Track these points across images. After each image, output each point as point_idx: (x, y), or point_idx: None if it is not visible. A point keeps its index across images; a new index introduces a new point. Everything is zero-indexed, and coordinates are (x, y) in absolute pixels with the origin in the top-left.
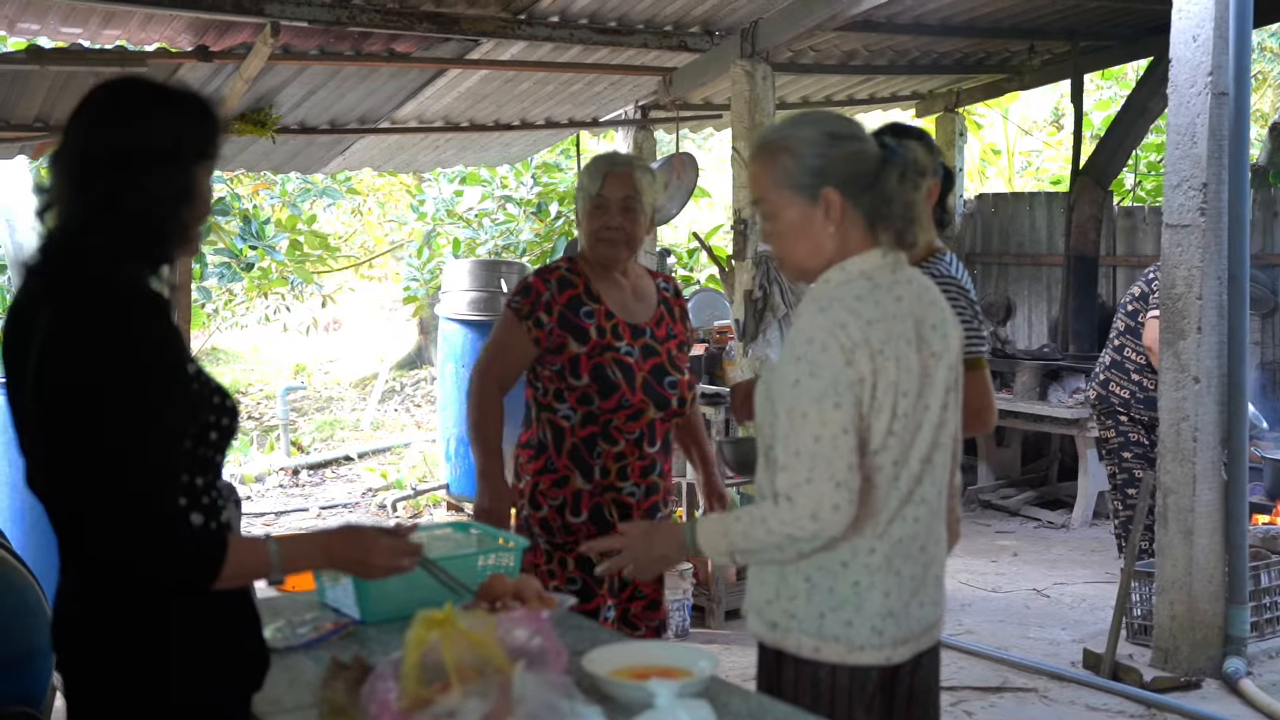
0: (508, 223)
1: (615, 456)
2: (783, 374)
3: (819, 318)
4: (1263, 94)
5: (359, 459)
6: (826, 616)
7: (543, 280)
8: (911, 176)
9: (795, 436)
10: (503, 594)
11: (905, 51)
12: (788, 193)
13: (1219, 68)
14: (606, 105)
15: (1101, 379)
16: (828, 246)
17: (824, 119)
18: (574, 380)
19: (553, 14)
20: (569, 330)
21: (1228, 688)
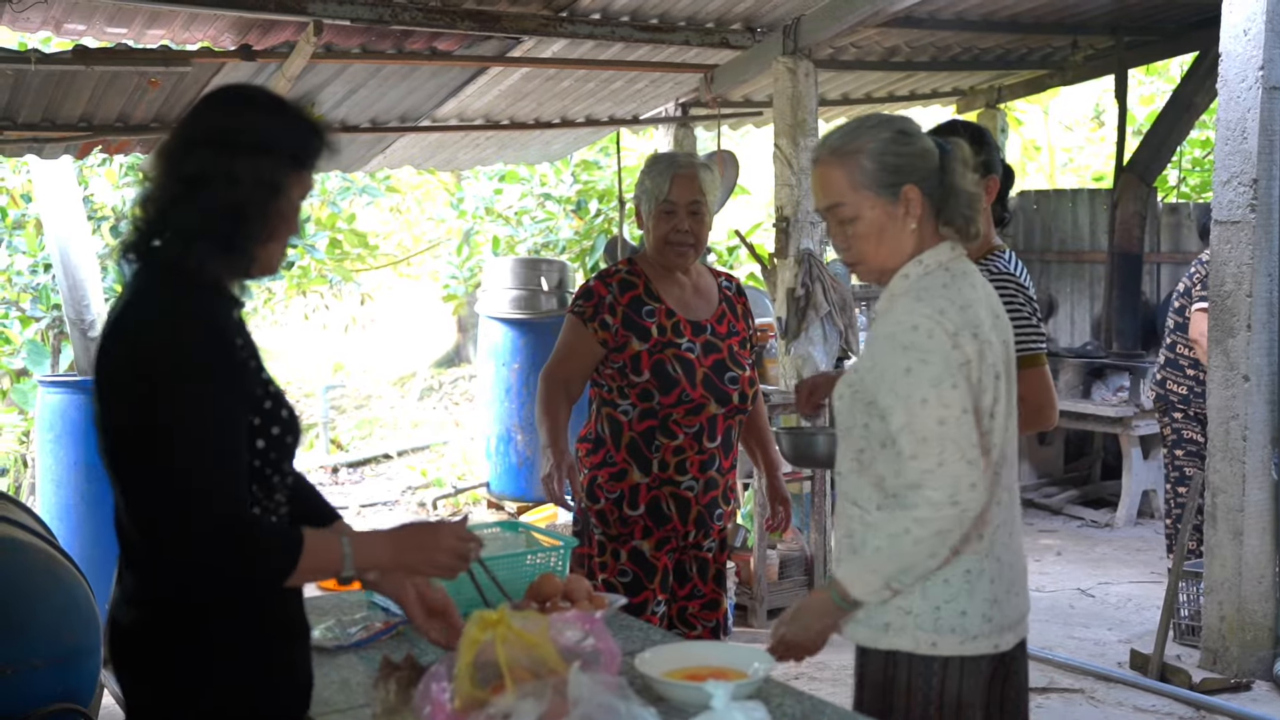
0: (547, 220)
1: (674, 450)
2: (890, 365)
3: (918, 306)
4: None
5: (398, 457)
6: (942, 609)
7: (603, 283)
8: (969, 169)
9: (918, 423)
10: (553, 594)
11: (947, 47)
12: (869, 194)
13: (1270, 62)
14: (647, 103)
15: (1159, 378)
16: (907, 243)
17: (889, 120)
18: (635, 376)
19: (594, 11)
20: (632, 329)
21: (1278, 689)
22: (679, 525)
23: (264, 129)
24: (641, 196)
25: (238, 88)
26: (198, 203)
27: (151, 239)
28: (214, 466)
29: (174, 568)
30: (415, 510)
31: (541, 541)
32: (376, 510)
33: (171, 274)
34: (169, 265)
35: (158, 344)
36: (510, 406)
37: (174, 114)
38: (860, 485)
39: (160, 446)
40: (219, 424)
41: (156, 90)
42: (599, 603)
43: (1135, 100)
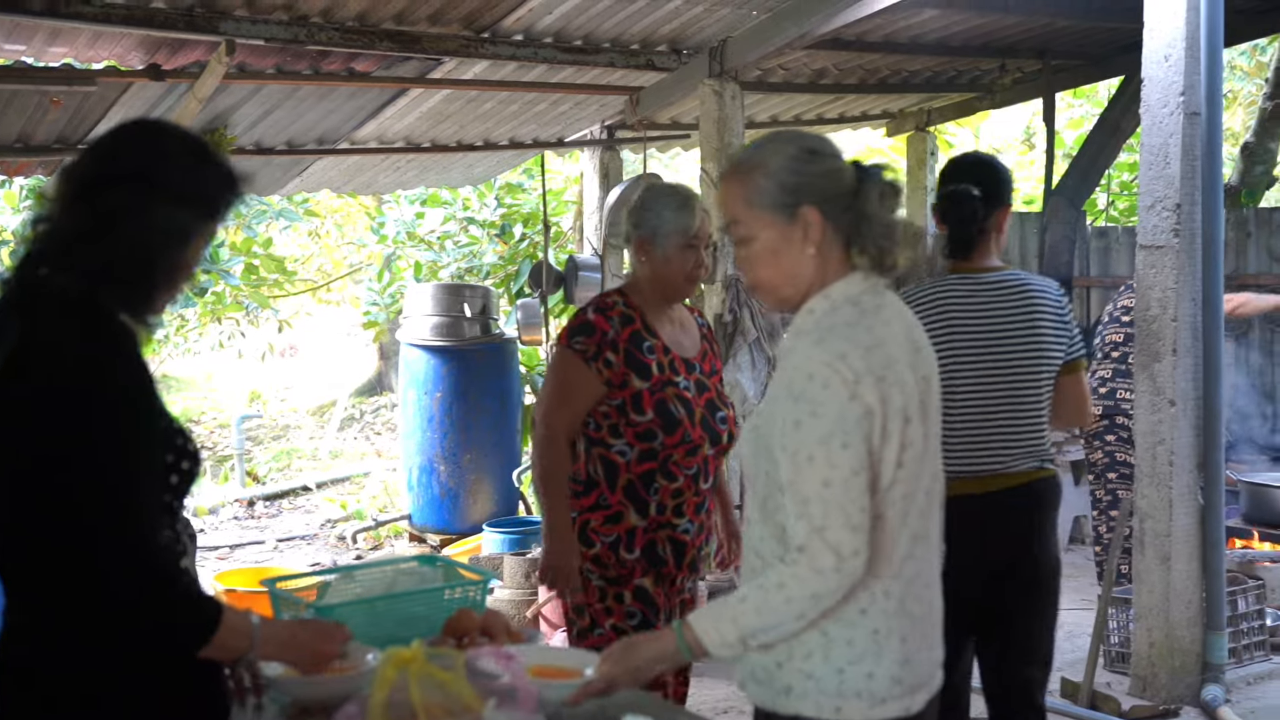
0: (471, 245)
1: (673, 493)
2: (781, 415)
3: (815, 351)
4: (1234, 113)
5: (317, 489)
6: (846, 671)
7: (604, 317)
8: (890, 197)
9: (803, 482)
10: (470, 629)
11: (875, 70)
12: (764, 213)
13: (1191, 87)
14: (572, 125)
15: (1104, 391)
16: (807, 270)
17: (798, 136)
18: (636, 416)
19: (516, 33)
20: (633, 367)
21: (1206, 715)
22: (673, 569)
23: (188, 178)
24: (656, 229)
25: (163, 127)
26: (110, 242)
27: (40, 266)
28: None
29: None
30: (333, 544)
31: (461, 576)
32: (294, 545)
33: (76, 309)
34: (70, 300)
35: (77, 385)
36: (433, 436)
37: (78, 135)
38: (764, 535)
39: (79, 492)
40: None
41: (59, 110)
42: (518, 638)
43: (1064, 123)
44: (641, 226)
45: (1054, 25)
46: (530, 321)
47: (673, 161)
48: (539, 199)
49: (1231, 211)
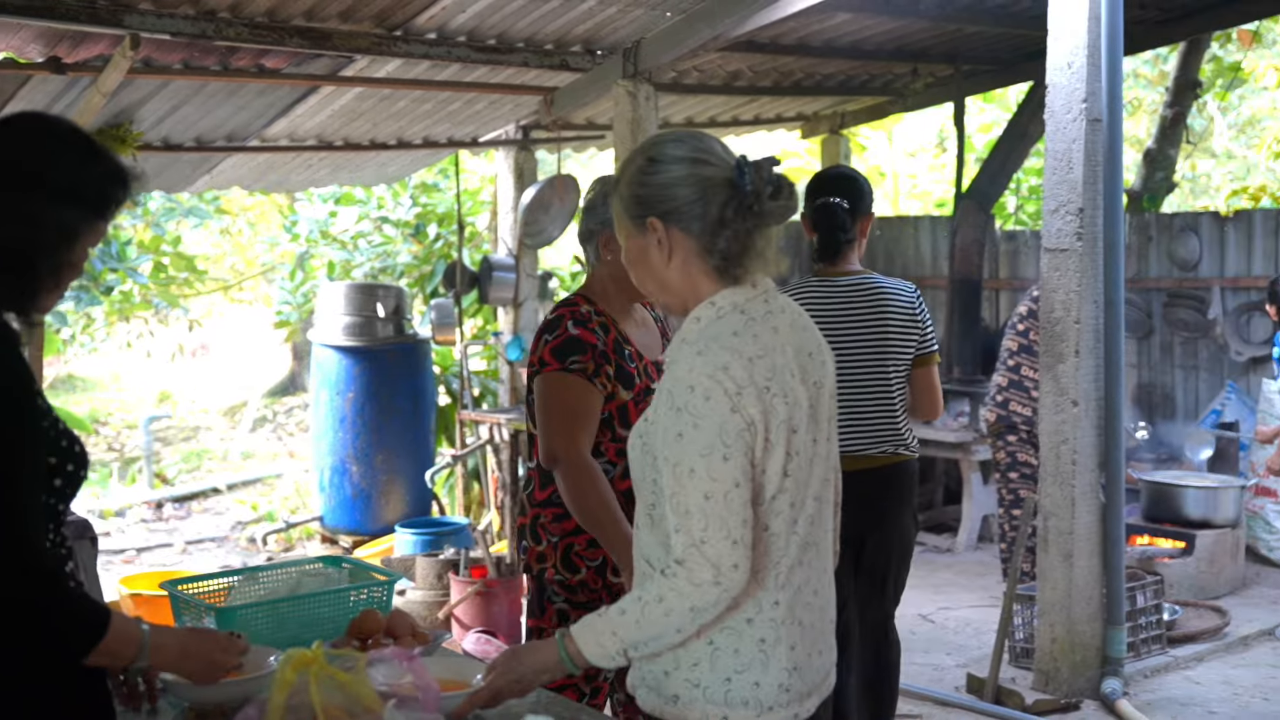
0: (385, 245)
1: None
2: (665, 426)
3: (698, 362)
4: (1138, 120)
5: (228, 490)
6: (733, 680)
7: (586, 329)
8: (756, 207)
9: (684, 494)
10: (374, 631)
11: (790, 73)
12: (624, 223)
13: (1093, 94)
14: (486, 124)
15: (1000, 399)
16: (671, 277)
17: (658, 143)
18: (622, 429)
19: (429, 31)
20: (620, 378)
21: (1105, 708)
22: None
23: (75, 176)
24: None
25: (49, 121)
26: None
27: None
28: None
29: None
30: (244, 547)
31: (366, 577)
32: (204, 547)
33: None
34: None
35: None
36: (345, 437)
37: None
38: (651, 542)
39: None
40: (29, 470)
41: None
42: (423, 639)
43: (975, 128)
44: (607, 221)
45: (964, 31)
46: (444, 322)
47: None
48: (454, 198)
49: (1134, 216)
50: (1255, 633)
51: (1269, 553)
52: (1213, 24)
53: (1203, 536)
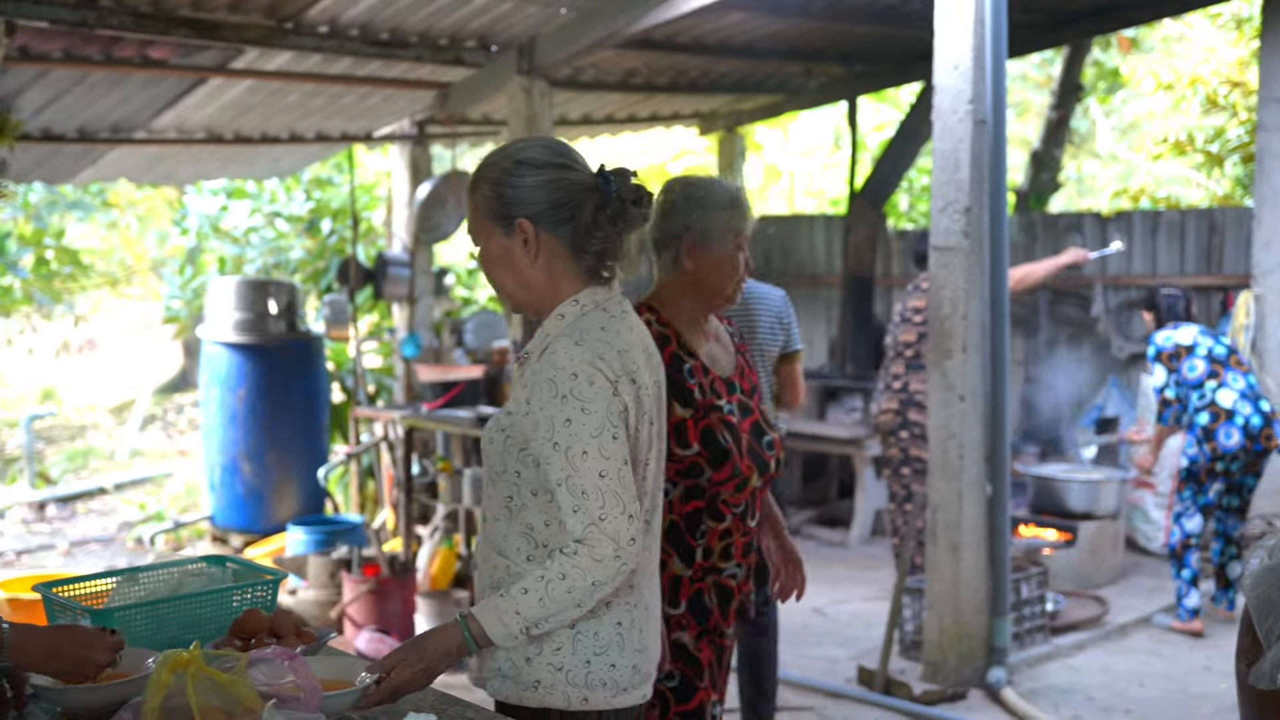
0: (278, 240)
1: (721, 534)
2: (546, 415)
3: (577, 351)
4: (1028, 122)
5: (115, 490)
6: (593, 662)
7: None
8: (617, 206)
9: (580, 476)
10: (258, 630)
11: (685, 71)
12: (488, 223)
13: (978, 96)
14: (381, 119)
15: (897, 386)
16: (535, 277)
17: (523, 147)
18: (680, 449)
19: (321, 24)
20: (676, 393)
21: (990, 697)
22: (719, 617)
23: None
24: (708, 228)
25: None
26: None
27: None
28: None
29: None
30: (132, 548)
31: (251, 576)
32: (90, 549)
33: None
34: None
35: None
36: (236, 435)
37: None
38: (509, 534)
39: None
40: None
41: None
42: (308, 638)
43: (870, 127)
44: (692, 225)
45: (855, 32)
46: (338, 318)
47: None
48: (348, 194)
49: (1021, 215)
50: (1133, 621)
51: (1147, 543)
52: (1093, 29)
53: (1085, 528)
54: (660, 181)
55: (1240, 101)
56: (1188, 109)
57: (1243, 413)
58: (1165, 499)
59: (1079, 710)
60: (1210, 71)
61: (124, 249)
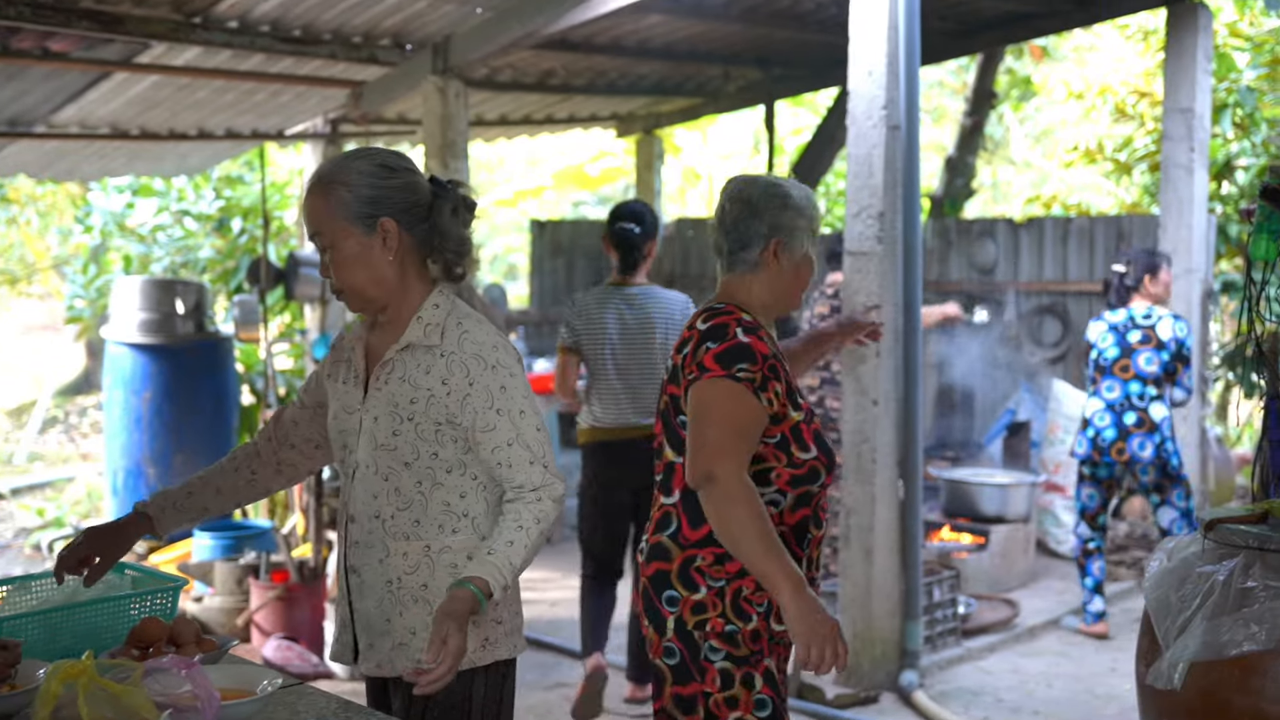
0: (186, 238)
1: (818, 542)
2: (485, 384)
3: (482, 329)
4: (944, 128)
5: (12, 495)
6: (515, 611)
7: (758, 337)
8: (462, 213)
9: (524, 433)
10: (155, 639)
11: (603, 72)
12: (346, 224)
13: (892, 102)
14: (293, 117)
15: (814, 398)
16: (389, 275)
17: (378, 153)
18: (800, 453)
19: (230, 19)
20: (789, 395)
21: (903, 700)
22: None
23: None
24: (794, 229)
25: None
26: None
27: None
28: None
29: None
30: (28, 555)
31: (150, 583)
32: None
33: None
34: None
35: None
36: (141, 438)
37: None
38: (422, 518)
39: None
40: None
41: None
42: (209, 646)
43: (788, 131)
44: (781, 227)
45: (773, 36)
46: (248, 319)
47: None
48: (260, 192)
49: (936, 221)
50: (1042, 623)
51: (1057, 546)
52: (1006, 38)
53: (997, 531)
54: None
55: (1147, 111)
56: (1098, 118)
57: (1096, 424)
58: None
59: (989, 712)
60: (1119, 81)
61: (24, 246)
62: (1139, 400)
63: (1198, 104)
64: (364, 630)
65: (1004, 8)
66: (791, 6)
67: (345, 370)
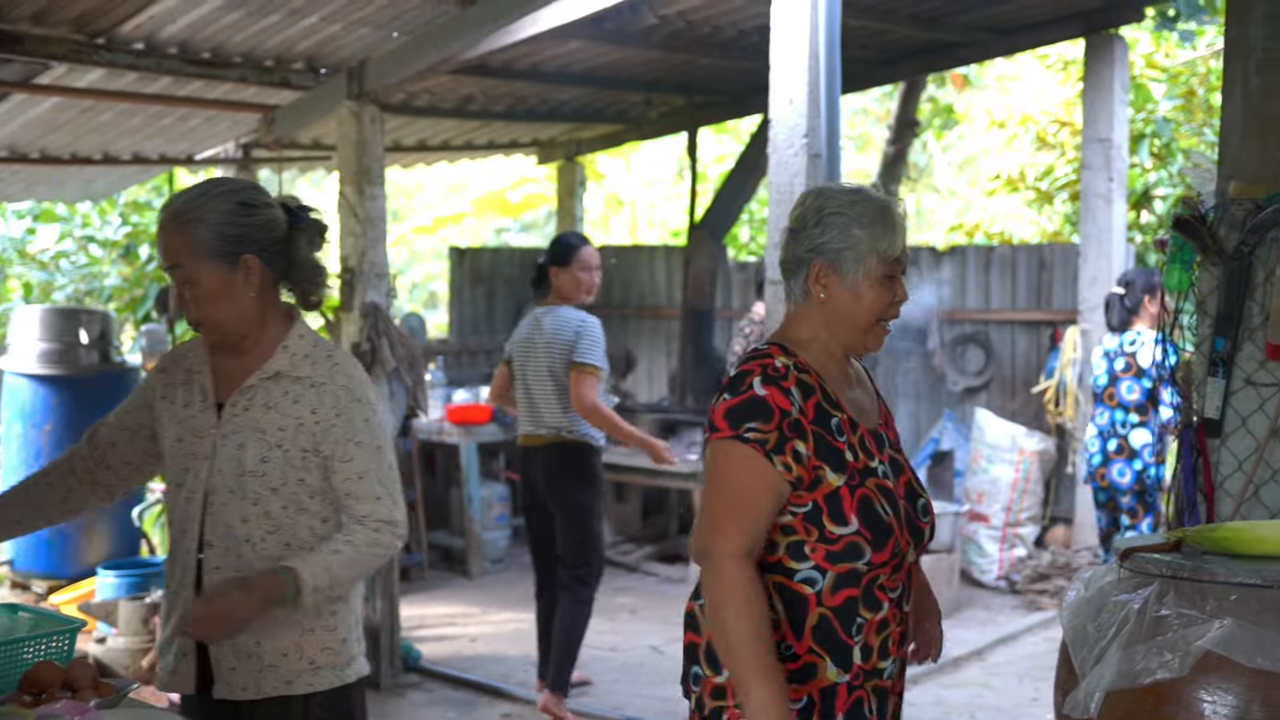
0: (91, 266)
1: (878, 626)
2: (352, 416)
3: (351, 362)
4: (868, 156)
5: None
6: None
7: (778, 388)
8: (317, 241)
9: (380, 468)
10: (50, 683)
11: (523, 98)
12: (208, 261)
13: (813, 130)
14: (203, 141)
15: None
16: (251, 309)
17: (236, 188)
18: (835, 527)
19: (136, 40)
20: (826, 456)
21: None
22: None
23: None
24: (843, 250)
25: None
26: None
27: None
28: None
29: None
30: None
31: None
32: None
33: None
34: None
35: None
36: None
37: None
38: (292, 541)
39: None
40: None
41: None
42: (106, 690)
43: (711, 158)
44: (823, 248)
45: (695, 63)
46: (156, 349)
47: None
48: None
49: None
50: (966, 654)
51: (980, 576)
52: (928, 66)
53: (921, 562)
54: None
55: (1068, 140)
56: (1020, 146)
57: (1089, 449)
58: (998, 531)
59: None
60: (1040, 110)
61: None
62: (1121, 427)
63: (1115, 134)
64: (226, 655)
65: (925, 36)
66: (713, 34)
67: (187, 393)
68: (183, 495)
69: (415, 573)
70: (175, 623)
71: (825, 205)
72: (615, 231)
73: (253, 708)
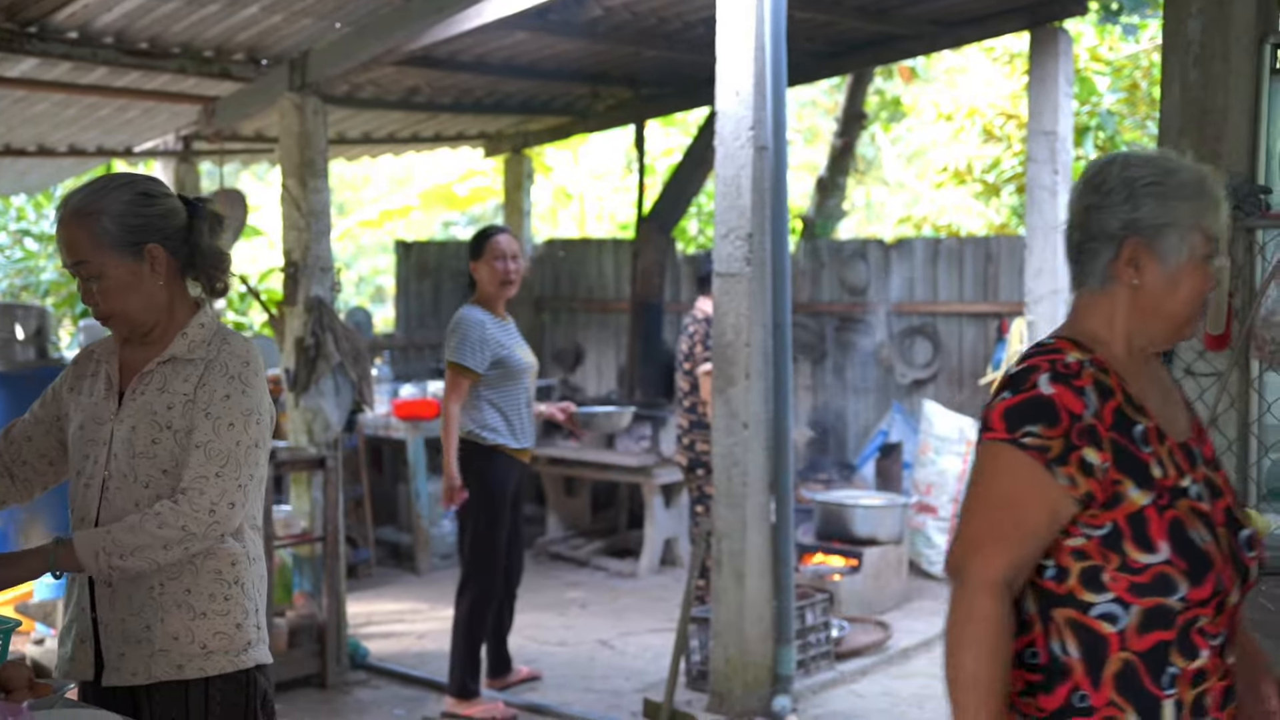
0: (26, 260)
1: (1194, 677)
2: (208, 389)
3: (245, 344)
4: (817, 149)
5: None
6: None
7: (1069, 389)
8: (217, 229)
9: (218, 441)
10: None
11: (470, 90)
12: (112, 253)
13: (760, 123)
14: (142, 133)
15: (686, 442)
16: (159, 297)
17: (133, 181)
18: (1140, 554)
19: (70, 29)
20: (1128, 470)
21: None
22: None
23: None
24: (1164, 226)
25: None
26: None
27: None
28: None
29: None
30: None
31: None
32: None
33: None
34: None
35: None
36: None
37: None
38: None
39: None
40: None
41: None
42: (42, 691)
43: (660, 151)
44: (1139, 224)
45: (642, 55)
46: None
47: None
48: None
49: (807, 242)
50: (915, 644)
51: (929, 567)
52: (873, 59)
53: (870, 553)
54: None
55: (1014, 133)
56: (967, 139)
57: None
58: (947, 523)
59: None
60: (987, 103)
61: None
62: None
63: (1060, 126)
64: (115, 641)
65: (871, 29)
66: (658, 26)
67: (93, 384)
68: (82, 482)
69: (363, 569)
70: (73, 610)
71: (1135, 175)
72: (564, 225)
73: (150, 693)
